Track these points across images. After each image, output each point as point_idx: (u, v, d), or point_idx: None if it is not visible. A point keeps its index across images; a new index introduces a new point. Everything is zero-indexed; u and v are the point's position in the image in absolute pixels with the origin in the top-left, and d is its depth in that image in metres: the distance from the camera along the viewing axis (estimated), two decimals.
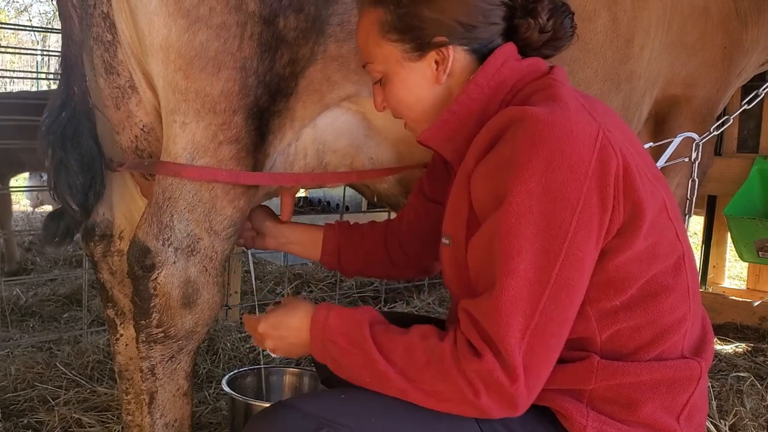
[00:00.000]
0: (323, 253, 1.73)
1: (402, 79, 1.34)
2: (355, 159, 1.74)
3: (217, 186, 1.47)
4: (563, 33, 1.34)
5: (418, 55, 1.31)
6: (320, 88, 1.53)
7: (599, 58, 2.00)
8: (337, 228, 1.74)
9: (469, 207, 1.25)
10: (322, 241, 1.73)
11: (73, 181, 1.51)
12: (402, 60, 1.32)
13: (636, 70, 2.14)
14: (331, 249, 1.72)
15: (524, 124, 1.15)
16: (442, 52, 1.29)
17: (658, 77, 2.31)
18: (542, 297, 1.11)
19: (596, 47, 1.98)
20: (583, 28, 1.93)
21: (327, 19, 1.45)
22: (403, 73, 1.33)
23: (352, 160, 1.74)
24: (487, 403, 1.12)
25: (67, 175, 1.50)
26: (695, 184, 2.16)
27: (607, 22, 1.99)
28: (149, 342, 1.50)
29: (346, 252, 1.72)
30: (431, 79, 1.32)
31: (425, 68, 1.32)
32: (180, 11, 1.34)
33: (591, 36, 1.96)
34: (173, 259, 1.47)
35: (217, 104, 1.40)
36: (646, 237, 1.18)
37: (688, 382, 1.23)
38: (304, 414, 1.18)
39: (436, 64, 1.31)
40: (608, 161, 1.13)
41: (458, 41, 1.29)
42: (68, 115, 1.51)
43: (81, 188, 1.52)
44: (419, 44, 1.30)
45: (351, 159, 1.74)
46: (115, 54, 1.50)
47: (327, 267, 1.76)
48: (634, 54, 2.09)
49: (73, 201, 1.52)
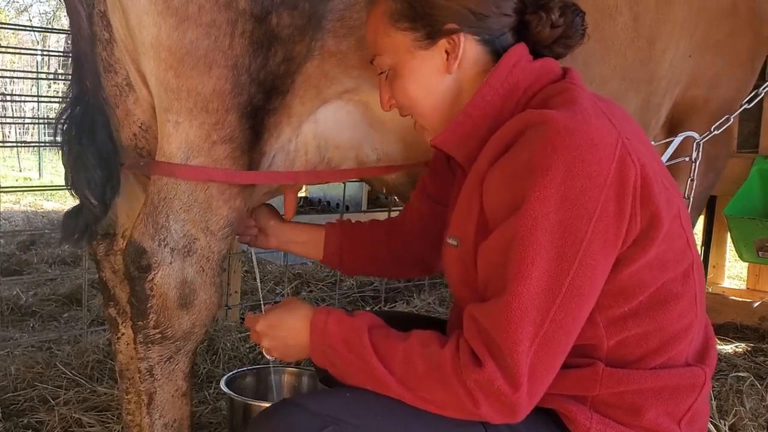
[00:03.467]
0: (325, 252, 1.73)
1: (412, 69, 1.32)
2: (359, 152, 1.73)
3: (213, 186, 1.46)
4: (574, 31, 1.32)
5: (428, 42, 1.30)
6: (318, 83, 1.52)
7: (619, 55, 1.97)
8: (338, 227, 1.74)
9: (479, 209, 1.24)
10: (323, 240, 1.72)
11: (91, 175, 1.50)
12: (412, 49, 1.31)
13: (657, 73, 2.11)
14: (333, 249, 1.72)
15: (544, 129, 1.13)
16: (453, 40, 1.28)
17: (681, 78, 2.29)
18: (553, 305, 1.10)
19: (616, 44, 1.96)
20: (603, 23, 1.92)
21: (325, 14, 1.44)
22: (413, 62, 1.32)
23: (356, 153, 1.73)
24: (487, 412, 1.12)
25: (85, 170, 1.50)
26: (694, 183, 2.16)
27: (628, 21, 1.97)
28: (147, 343, 1.50)
29: (347, 251, 1.72)
30: (442, 68, 1.31)
31: (435, 56, 1.30)
32: (168, 9, 1.33)
33: (611, 32, 1.94)
34: (169, 260, 1.46)
35: (210, 103, 1.39)
36: (660, 245, 1.17)
37: (692, 389, 1.23)
38: (310, 412, 1.18)
39: (447, 53, 1.30)
40: (627, 171, 1.12)
41: (469, 29, 1.28)
42: (82, 109, 1.51)
43: (99, 183, 1.51)
44: (430, 31, 1.29)
45: (355, 152, 1.73)
46: (112, 52, 1.50)
47: (329, 266, 1.76)
48: (655, 56, 2.07)
49: (92, 196, 1.51)
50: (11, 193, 7.84)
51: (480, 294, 1.20)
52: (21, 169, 12.00)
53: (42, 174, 10.98)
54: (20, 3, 18.14)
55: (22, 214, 6.79)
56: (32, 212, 6.95)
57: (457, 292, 1.38)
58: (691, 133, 2.14)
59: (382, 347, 1.20)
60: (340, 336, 1.24)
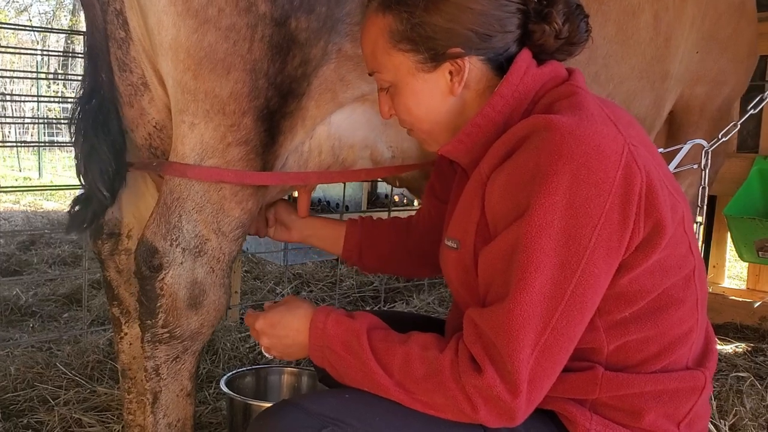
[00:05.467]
0: (345, 248, 1.74)
1: (414, 90, 1.29)
2: (373, 150, 1.72)
3: (226, 187, 1.46)
4: (578, 37, 1.30)
5: (432, 66, 1.26)
6: (333, 87, 1.52)
7: (638, 54, 1.96)
8: (359, 224, 1.75)
9: (480, 212, 1.23)
10: (344, 236, 1.74)
11: (105, 167, 1.52)
12: (414, 71, 1.27)
13: (670, 70, 2.11)
14: (353, 245, 1.73)
15: (550, 135, 1.12)
16: (458, 63, 1.25)
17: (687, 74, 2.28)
18: (555, 313, 1.10)
19: (637, 43, 1.95)
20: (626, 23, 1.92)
21: (342, 18, 1.43)
22: (414, 84, 1.28)
23: (370, 152, 1.72)
24: (485, 417, 1.12)
25: (100, 161, 1.51)
26: (705, 191, 2.14)
27: (649, 19, 1.96)
28: (154, 342, 1.50)
29: (367, 248, 1.73)
30: (445, 90, 1.28)
31: (439, 79, 1.27)
32: (189, 11, 1.32)
33: (633, 31, 1.93)
34: (180, 260, 1.46)
35: (227, 106, 1.39)
36: (662, 252, 1.17)
37: (692, 392, 1.23)
38: (309, 413, 1.18)
39: (451, 74, 1.26)
40: (632, 178, 1.11)
41: (474, 51, 1.24)
42: (98, 102, 1.51)
43: (112, 174, 1.53)
44: (433, 55, 1.25)
45: (369, 151, 1.72)
46: (128, 51, 1.50)
47: (347, 262, 1.78)
48: (670, 53, 2.06)
49: (103, 187, 1.53)
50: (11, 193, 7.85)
51: (480, 297, 1.20)
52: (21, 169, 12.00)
53: (42, 174, 10.98)
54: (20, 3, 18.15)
55: (21, 214, 6.79)
56: (32, 212, 6.95)
57: (456, 294, 1.38)
58: (699, 141, 2.13)
59: (380, 350, 1.20)
60: (339, 337, 1.24)
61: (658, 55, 2.02)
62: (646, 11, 1.95)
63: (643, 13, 1.94)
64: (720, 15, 2.27)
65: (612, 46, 1.89)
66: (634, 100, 2.03)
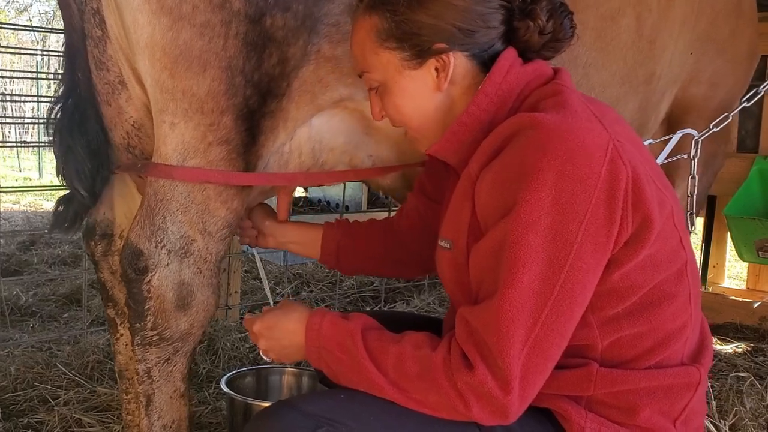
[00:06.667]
0: (323, 252, 1.73)
1: (401, 87, 1.31)
2: (353, 157, 1.73)
3: (210, 187, 1.45)
4: (563, 34, 1.31)
5: (417, 62, 1.29)
6: (313, 88, 1.52)
7: (619, 60, 1.94)
8: (336, 227, 1.74)
9: (471, 212, 1.24)
10: (321, 239, 1.72)
11: (81, 167, 1.52)
12: (401, 68, 1.30)
13: (656, 72, 2.09)
14: (331, 248, 1.72)
15: (535, 133, 1.13)
16: (443, 59, 1.27)
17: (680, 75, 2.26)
18: (545, 308, 1.10)
19: (617, 48, 1.93)
20: (606, 28, 1.88)
21: (320, 18, 1.43)
22: (402, 81, 1.31)
23: (350, 157, 1.72)
24: (479, 414, 1.13)
25: (75, 161, 1.51)
26: (695, 181, 2.15)
27: (631, 22, 1.93)
28: (144, 345, 1.49)
29: (345, 251, 1.72)
30: (432, 86, 1.30)
31: (426, 75, 1.29)
32: (163, 9, 1.32)
33: (613, 36, 1.90)
34: (166, 261, 1.46)
35: (205, 104, 1.38)
36: (652, 246, 1.17)
37: (687, 388, 1.24)
38: (304, 413, 1.18)
39: (437, 71, 1.28)
40: (618, 174, 1.12)
41: (458, 47, 1.27)
42: (74, 101, 1.51)
43: (89, 174, 1.53)
44: (419, 51, 1.28)
45: (349, 156, 1.72)
46: (105, 49, 1.49)
47: (326, 266, 1.76)
48: (655, 55, 2.04)
49: (81, 186, 1.53)
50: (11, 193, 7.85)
51: (472, 296, 1.21)
52: (21, 169, 12.01)
53: (42, 174, 10.98)
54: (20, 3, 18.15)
55: (21, 214, 6.80)
56: (32, 212, 6.96)
57: (451, 294, 1.39)
58: (689, 131, 2.13)
59: (374, 349, 1.21)
60: (334, 338, 1.25)
61: (641, 58, 1.99)
62: (628, 14, 1.92)
63: (624, 17, 1.91)
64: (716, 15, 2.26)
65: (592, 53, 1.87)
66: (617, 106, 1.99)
